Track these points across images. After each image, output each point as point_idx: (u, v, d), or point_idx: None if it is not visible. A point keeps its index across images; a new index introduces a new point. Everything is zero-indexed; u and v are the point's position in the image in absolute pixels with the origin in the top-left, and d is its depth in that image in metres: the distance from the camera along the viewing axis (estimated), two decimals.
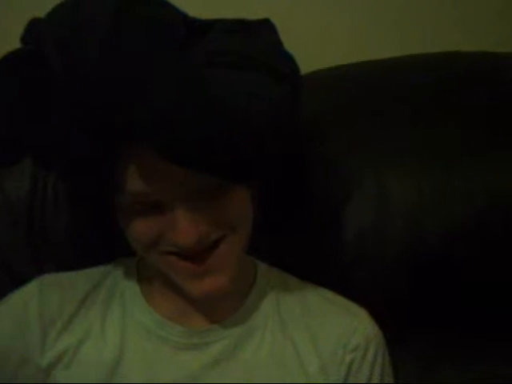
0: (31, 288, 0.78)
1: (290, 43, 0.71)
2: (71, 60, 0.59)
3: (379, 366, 0.79)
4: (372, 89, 0.96)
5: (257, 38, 0.69)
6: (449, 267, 0.91)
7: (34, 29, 0.64)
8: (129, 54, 0.58)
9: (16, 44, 0.65)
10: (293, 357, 0.77)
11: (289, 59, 0.70)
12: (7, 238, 0.88)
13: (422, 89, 0.95)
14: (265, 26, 0.73)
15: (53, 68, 0.60)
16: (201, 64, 0.62)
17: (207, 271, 0.69)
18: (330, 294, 0.83)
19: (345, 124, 0.93)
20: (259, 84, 0.64)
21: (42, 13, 0.64)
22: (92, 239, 0.90)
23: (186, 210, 0.65)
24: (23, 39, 0.65)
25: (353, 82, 0.98)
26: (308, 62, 0.81)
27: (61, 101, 0.61)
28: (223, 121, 0.60)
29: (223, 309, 0.78)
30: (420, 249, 0.90)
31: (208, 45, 0.65)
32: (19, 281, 0.80)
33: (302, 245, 0.92)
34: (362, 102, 0.95)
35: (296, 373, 0.76)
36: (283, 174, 0.82)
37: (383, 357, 0.80)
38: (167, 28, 0.62)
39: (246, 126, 0.62)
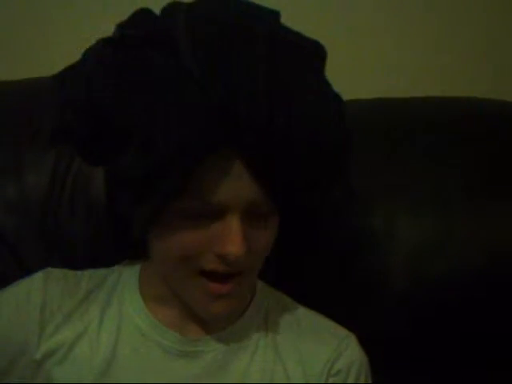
0: (36, 279, 0.79)
1: None
2: (212, 59, 0.62)
3: None
4: (382, 129, 0.99)
5: None
6: (445, 313, 0.92)
7: (167, 15, 0.68)
8: (279, 72, 0.64)
9: None
10: (282, 378, 0.78)
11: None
12: (19, 229, 0.90)
13: (433, 131, 0.98)
14: None
15: (183, 59, 0.63)
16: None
17: (226, 295, 0.71)
18: (322, 319, 0.84)
19: (358, 162, 0.95)
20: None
21: None
22: (102, 243, 0.91)
23: (241, 224, 0.66)
24: (137, 21, 0.68)
25: (363, 119, 1.00)
26: None
27: (181, 93, 0.62)
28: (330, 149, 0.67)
29: (220, 321, 0.78)
30: (418, 291, 0.92)
31: None
32: (26, 271, 0.81)
33: (310, 279, 0.94)
34: (375, 141, 0.98)
35: None
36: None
37: (365, 382, 0.81)
38: (308, 53, 0.69)
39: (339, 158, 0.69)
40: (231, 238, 0.66)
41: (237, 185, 0.65)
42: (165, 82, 0.62)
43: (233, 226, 0.66)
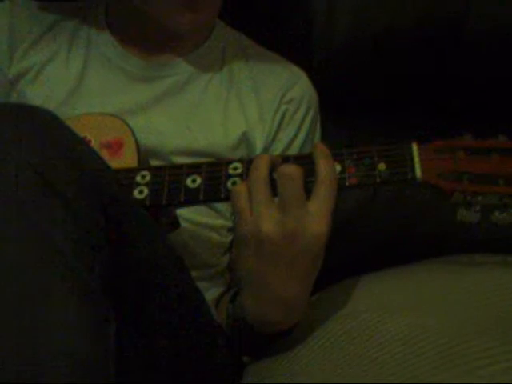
0: (2, 5, 0.84)
1: None
2: None
3: (308, 123, 0.89)
4: None
5: None
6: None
7: None
8: None
9: None
10: (235, 104, 0.85)
11: None
12: None
13: None
14: None
15: None
16: None
17: (193, 6, 0.77)
18: (277, 56, 0.92)
19: None
20: None
21: None
22: None
23: None
24: None
25: None
26: None
27: None
28: None
29: (180, 49, 0.86)
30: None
31: None
32: None
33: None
34: None
35: (237, 117, 0.85)
36: None
37: (313, 117, 0.90)
38: None
39: None
40: None
41: None
42: None
43: None
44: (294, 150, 0.88)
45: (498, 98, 1.03)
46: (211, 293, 0.85)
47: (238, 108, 0.86)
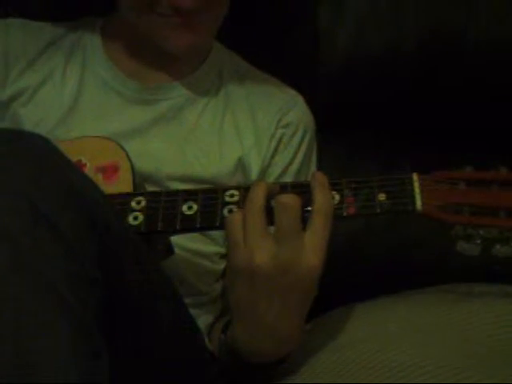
0: None
1: None
2: None
3: (305, 147, 0.88)
4: None
5: None
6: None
7: None
8: None
9: None
10: (231, 128, 0.85)
11: None
12: None
13: None
14: None
15: None
16: None
17: (190, 27, 0.76)
18: (274, 80, 0.92)
19: None
20: None
21: None
22: None
23: None
24: None
25: None
26: None
27: None
28: None
29: (176, 72, 0.85)
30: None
31: None
32: None
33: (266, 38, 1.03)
34: None
35: (233, 142, 0.84)
36: None
37: (310, 141, 0.89)
38: None
39: None
40: None
41: None
42: None
43: None
44: (290, 175, 0.88)
45: (501, 119, 1.03)
46: (203, 320, 0.83)
47: (234, 133, 0.85)
